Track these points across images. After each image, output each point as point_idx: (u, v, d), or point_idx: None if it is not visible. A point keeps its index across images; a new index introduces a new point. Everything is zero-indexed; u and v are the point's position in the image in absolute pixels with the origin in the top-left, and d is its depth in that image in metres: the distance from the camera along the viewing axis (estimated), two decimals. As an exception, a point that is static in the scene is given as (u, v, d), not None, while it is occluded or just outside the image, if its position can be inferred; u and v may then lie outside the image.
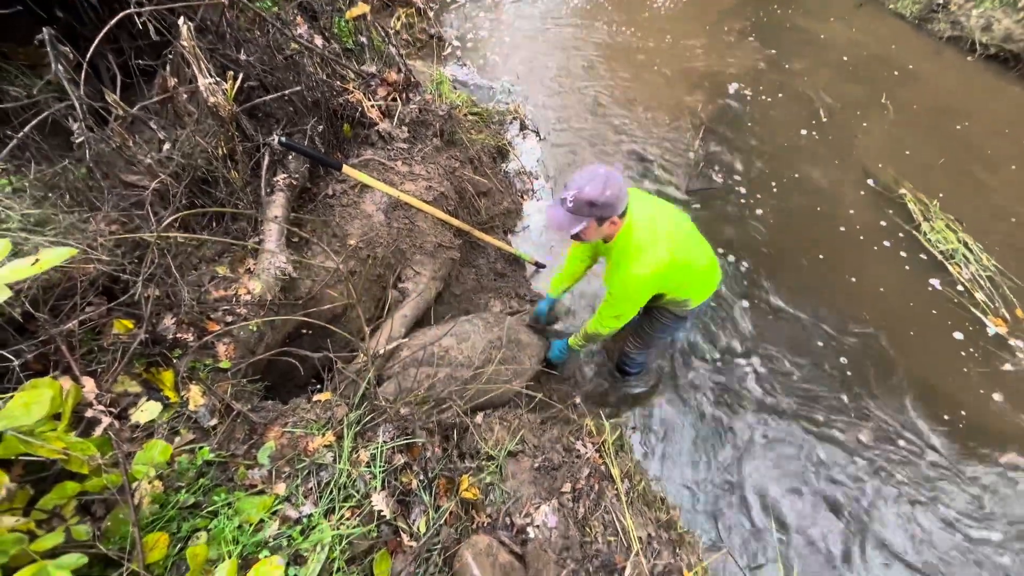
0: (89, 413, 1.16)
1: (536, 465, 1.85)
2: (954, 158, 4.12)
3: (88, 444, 0.95)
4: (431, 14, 5.30)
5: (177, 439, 1.44)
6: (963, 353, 2.97)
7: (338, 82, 2.81)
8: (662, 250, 1.77)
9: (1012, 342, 2.98)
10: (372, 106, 2.86)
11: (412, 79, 3.16)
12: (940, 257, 3.36)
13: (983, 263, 3.29)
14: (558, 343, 2.48)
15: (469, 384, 2.11)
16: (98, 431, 1.14)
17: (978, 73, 5.09)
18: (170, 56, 2.08)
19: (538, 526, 1.66)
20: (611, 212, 1.63)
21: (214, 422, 1.52)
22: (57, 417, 0.94)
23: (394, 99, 3.00)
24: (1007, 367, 2.89)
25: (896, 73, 5.03)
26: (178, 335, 1.63)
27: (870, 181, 3.93)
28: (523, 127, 4.22)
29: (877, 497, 2.45)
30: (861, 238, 3.54)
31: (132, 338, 1.41)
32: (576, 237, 1.74)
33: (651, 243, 1.77)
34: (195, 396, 1.54)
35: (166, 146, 2.00)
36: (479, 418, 2.00)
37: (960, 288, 3.21)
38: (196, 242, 1.87)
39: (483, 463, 1.80)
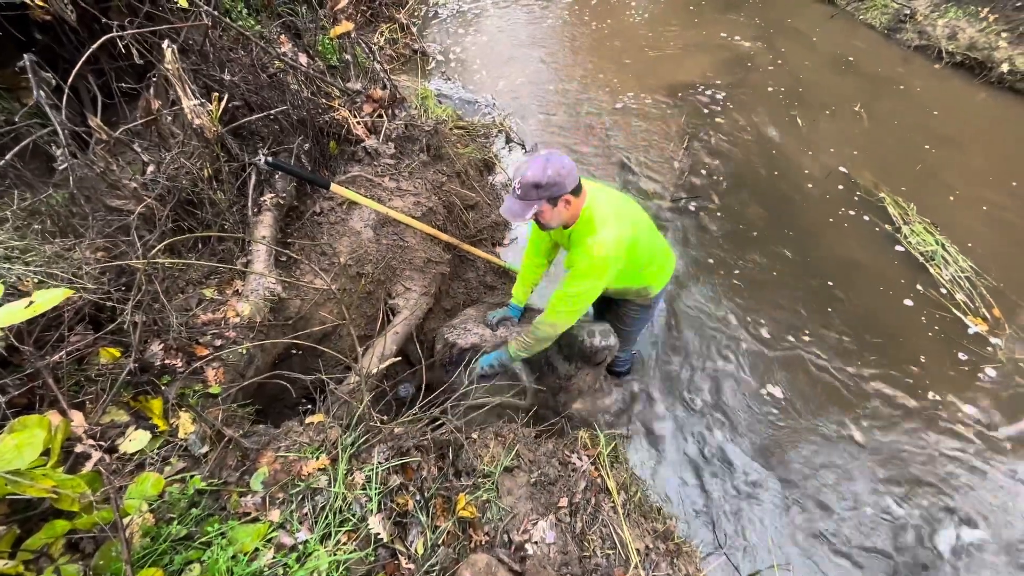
0: (79, 448, 1.13)
1: (532, 480, 1.84)
2: (925, 161, 4.25)
3: (78, 481, 0.93)
4: (414, 29, 5.34)
5: (167, 468, 1.41)
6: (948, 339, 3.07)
7: (323, 100, 2.81)
8: (626, 226, 1.80)
9: (993, 340, 3.06)
10: (358, 123, 2.86)
11: (397, 95, 3.17)
12: (921, 259, 3.44)
13: (960, 264, 3.38)
14: (489, 356, 2.18)
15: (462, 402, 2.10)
16: (88, 466, 1.11)
17: (946, 79, 5.27)
18: (153, 78, 2.06)
19: (536, 542, 1.65)
20: (559, 191, 1.64)
21: (205, 449, 1.49)
22: (46, 453, 0.92)
23: (380, 115, 3.01)
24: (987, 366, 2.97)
25: (868, 81, 5.18)
26: (166, 361, 1.60)
27: (848, 174, 4.03)
28: (508, 140, 4.25)
29: (879, 500, 2.48)
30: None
31: (119, 367, 1.38)
32: (541, 225, 1.77)
33: (614, 218, 1.79)
34: (185, 423, 1.51)
35: (150, 169, 1.98)
36: (474, 434, 1.99)
37: (944, 291, 3.29)
38: (183, 265, 1.84)
39: (479, 480, 1.78)
